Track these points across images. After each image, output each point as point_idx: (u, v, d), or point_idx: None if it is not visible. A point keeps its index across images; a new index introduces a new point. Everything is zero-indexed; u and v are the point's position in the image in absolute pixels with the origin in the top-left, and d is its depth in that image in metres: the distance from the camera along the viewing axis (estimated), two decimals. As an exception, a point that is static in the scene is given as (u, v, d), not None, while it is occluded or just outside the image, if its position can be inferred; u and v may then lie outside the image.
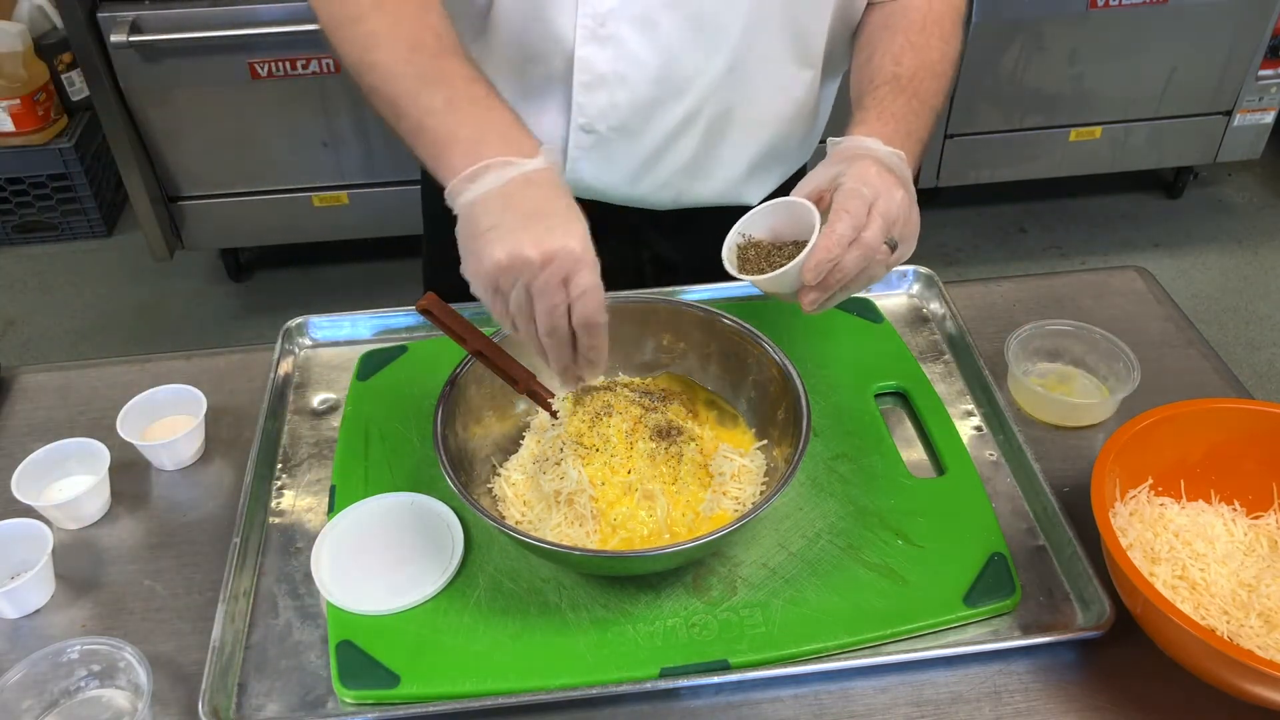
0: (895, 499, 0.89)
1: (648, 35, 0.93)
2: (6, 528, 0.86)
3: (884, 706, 0.76)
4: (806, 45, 0.99)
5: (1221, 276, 2.75)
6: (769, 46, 0.97)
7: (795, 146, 1.11)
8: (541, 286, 0.73)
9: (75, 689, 0.78)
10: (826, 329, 1.07)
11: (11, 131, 2.69)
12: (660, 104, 0.97)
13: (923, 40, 0.93)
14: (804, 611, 0.80)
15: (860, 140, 0.85)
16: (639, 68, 0.94)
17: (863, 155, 0.83)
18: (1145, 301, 1.14)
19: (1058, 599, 0.83)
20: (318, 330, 1.11)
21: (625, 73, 0.95)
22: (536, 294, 0.73)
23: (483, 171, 0.75)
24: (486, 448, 0.91)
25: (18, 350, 2.60)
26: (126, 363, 1.09)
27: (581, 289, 0.73)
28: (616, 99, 0.97)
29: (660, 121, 0.99)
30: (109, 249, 2.92)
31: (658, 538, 0.82)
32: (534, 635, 0.79)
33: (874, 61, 0.93)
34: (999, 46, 2.46)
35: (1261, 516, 0.84)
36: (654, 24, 0.92)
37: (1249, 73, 2.57)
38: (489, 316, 1.07)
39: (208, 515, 0.92)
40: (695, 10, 0.92)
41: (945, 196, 2.98)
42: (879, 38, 0.95)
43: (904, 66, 0.91)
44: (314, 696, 0.77)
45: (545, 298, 0.73)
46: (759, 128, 1.04)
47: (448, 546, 0.85)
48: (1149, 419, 0.82)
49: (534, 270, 0.72)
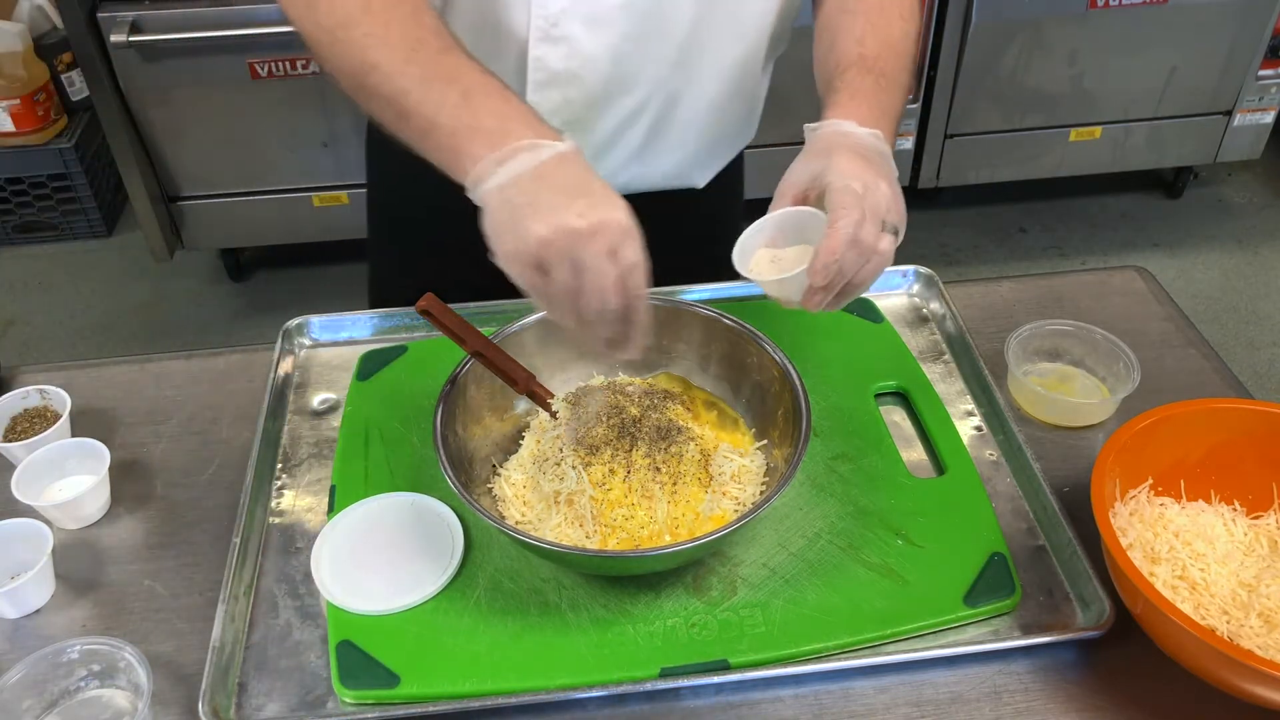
0: (895, 499, 0.89)
1: (599, 34, 0.94)
2: (6, 528, 0.86)
3: (884, 706, 0.76)
4: (751, 30, 1.01)
5: (1221, 276, 2.75)
6: (715, 36, 0.99)
7: (739, 127, 1.14)
8: (591, 260, 0.71)
9: (75, 689, 0.78)
10: (826, 329, 1.07)
11: (11, 131, 2.69)
12: (611, 98, 0.99)
13: (883, 20, 0.94)
14: (804, 611, 0.80)
15: (838, 124, 0.85)
16: (591, 65, 0.96)
17: (840, 144, 0.83)
18: (1145, 301, 1.14)
19: (1058, 599, 0.83)
20: (318, 330, 1.11)
21: (578, 70, 0.96)
22: (585, 268, 0.71)
23: (513, 153, 0.74)
24: (486, 448, 0.91)
25: (18, 350, 2.60)
26: (126, 363, 1.09)
27: (630, 261, 0.72)
28: (569, 96, 0.98)
29: (611, 114, 1.00)
30: (109, 249, 2.92)
31: (658, 538, 0.82)
32: (534, 635, 0.79)
33: (838, 46, 0.94)
34: (999, 46, 2.46)
35: (1261, 516, 0.84)
36: (605, 22, 0.93)
37: (1249, 73, 2.57)
38: (489, 316, 1.09)
39: (208, 515, 0.92)
40: (645, 8, 0.93)
41: (945, 196, 2.98)
42: (839, 22, 0.96)
43: (868, 47, 0.92)
44: (314, 696, 0.77)
45: (595, 271, 0.71)
46: (705, 113, 1.06)
47: (448, 546, 0.85)
48: (1149, 419, 0.82)
49: (582, 243, 0.71)
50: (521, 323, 0.94)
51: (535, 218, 0.71)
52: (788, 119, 2.80)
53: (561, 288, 0.73)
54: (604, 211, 0.72)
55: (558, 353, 0.97)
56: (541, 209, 0.72)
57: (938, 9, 2.41)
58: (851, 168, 0.80)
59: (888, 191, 0.80)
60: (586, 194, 0.73)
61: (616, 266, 0.72)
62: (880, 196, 0.80)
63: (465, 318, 0.86)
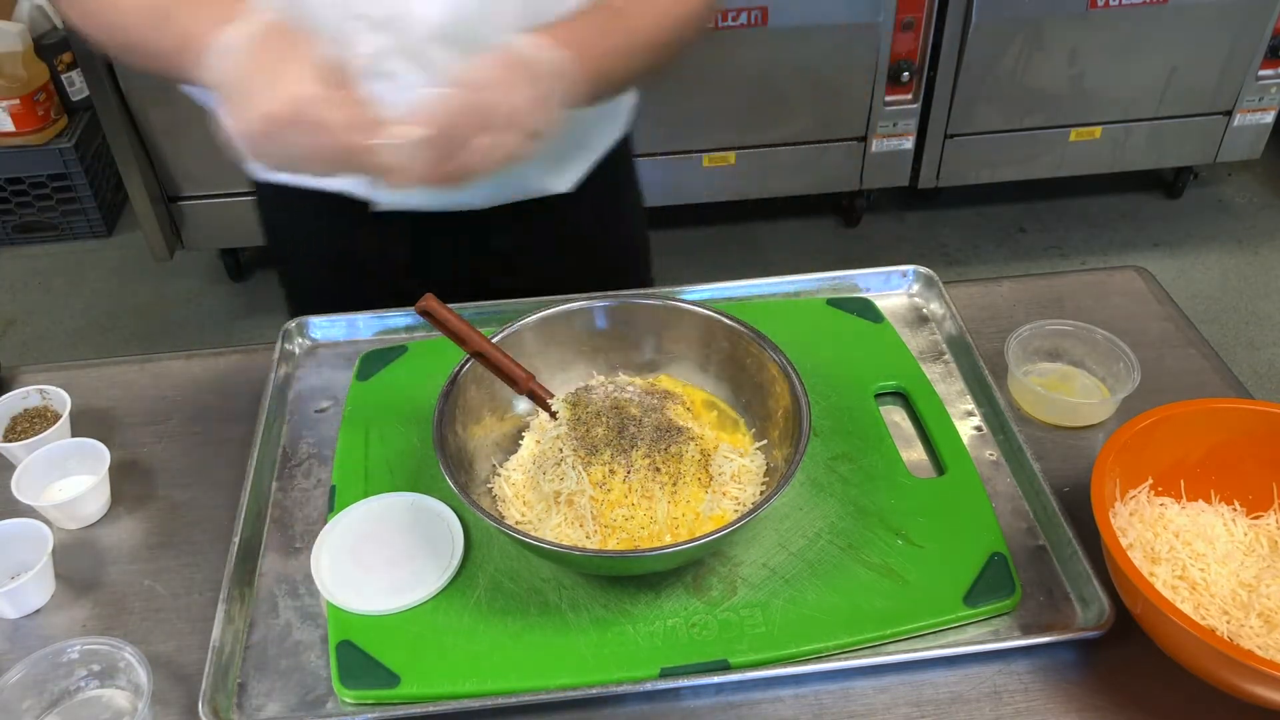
0: (895, 499, 0.89)
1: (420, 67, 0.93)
2: (6, 528, 0.86)
3: (884, 706, 0.76)
4: None
5: (1221, 276, 2.75)
6: None
7: (593, 129, 1.11)
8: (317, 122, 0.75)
9: (75, 689, 0.78)
10: (826, 329, 1.07)
11: (11, 131, 2.69)
12: None
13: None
14: (804, 611, 0.80)
15: (516, 38, 0.84)
16: None
17: (499, 51, 0.83)
18: (1145, 301, 1.14)
19: (1058, 599, 0.83)
20: (318, 330, 1.11)
21: None
22: (320, 128, 0.75)
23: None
24: (486, 448, 0.91)
25: (18, 350, 2.60)
26: (126, 363, 1.09)
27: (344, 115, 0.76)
28: None
29: None
30: (109, 249, 2.92)
31: (658, 538, 0.82)
32: (534, 635, 0.79)
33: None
34: (999, 46, 2.46)
35: (1261, 516, 0.85)
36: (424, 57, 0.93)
37: (1249, 73, 2.57)
38: (489, 316, 1.09)
39: (208, 515, 0.92)
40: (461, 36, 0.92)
41: (945, 196, 2.98)
42: None
43: None
44: (314, 696, 0.77)
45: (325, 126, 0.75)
46: None
47: (448, 546, 0.86)
48: (1149, 419, 0.82)
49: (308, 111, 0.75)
50: (521, 323, 0.94)
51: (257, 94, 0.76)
52: (788, 119, 2.81)
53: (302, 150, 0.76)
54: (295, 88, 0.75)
55: (558, 353, 0.97)
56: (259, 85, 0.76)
57: (938, 9, 2.41)
58: (483, 70, 0.80)
59: (524, 98, 0.80)
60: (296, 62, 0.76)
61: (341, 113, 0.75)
62: (512, 100, 0.80)
63: (465, 318, 0.86)
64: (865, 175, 2.68)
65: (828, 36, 2.41)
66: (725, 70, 2.44)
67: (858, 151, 2.63)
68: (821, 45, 2.43)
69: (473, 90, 0.80)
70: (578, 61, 0.85)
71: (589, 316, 0.97)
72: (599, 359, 0.98)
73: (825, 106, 2.55)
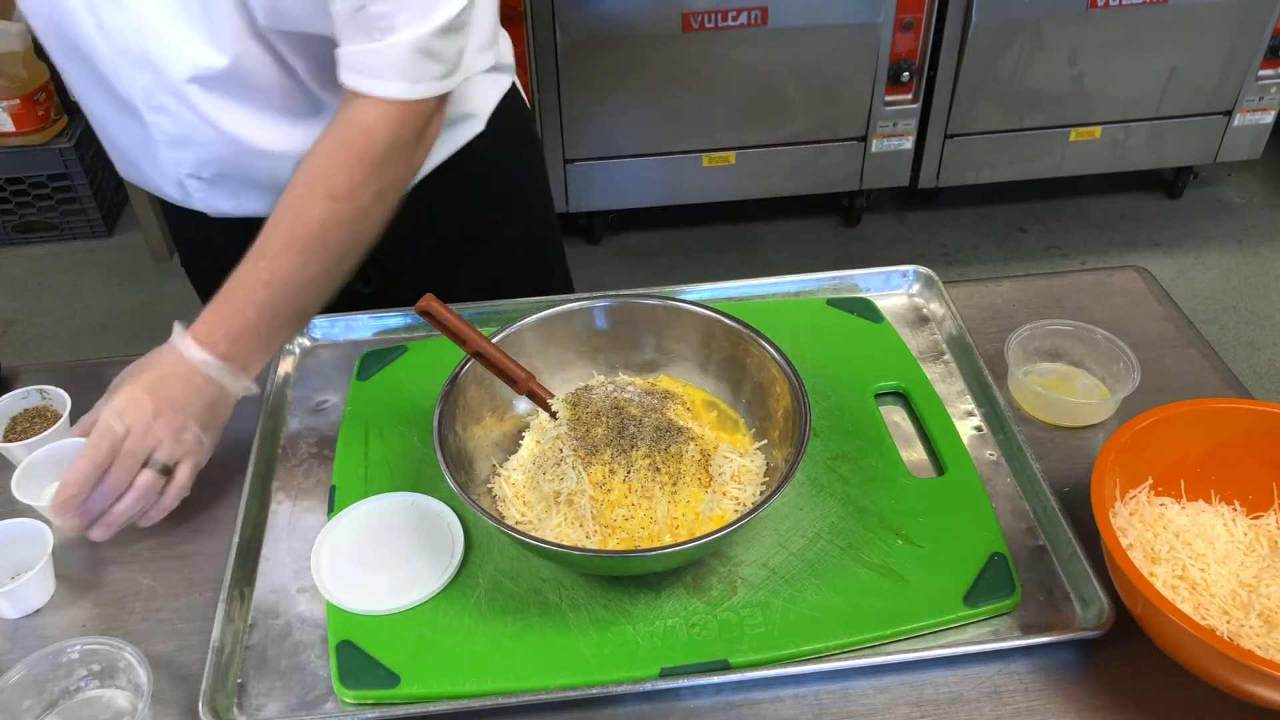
0: (895, 499, 0.89)
1: (199, 103, 0.94)
2: (6, 528, 0.86)
3: (884, 706, 0.76)
4: None
5: (1221, 276, 2.75)
6: None
7: None
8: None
9: (75, 689, 0.78)
10: (826, 329, 1.07)
11: (11, 131, 2.69)
12: (250, 153, 0.98)
13: (307, 200, 0.88)
14: (804, 611, 0.80)
15: (176, 342, 0.88)
16: (207, 130, 0.96)
17: (149, 367, 0.86)
18: (1145, 301, 1.14)
19: (1058, 599, 0.83)
20: (318, 330, 1.11)
21: (192, 136, 0.97)
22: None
23: None
24: (486, 448, 0.91)
25: (18, 350, 2.60)
26: (126, 362, 1.09)
27: None
28: (203, 156, 0.99)
29: (262, 162, 0.99)
30: (109, 249, 2.92)
31: (658, 538, 0.82)
32: (534, 635, 0.79)
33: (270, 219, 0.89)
34: (999, 46, 2.46)
35: (1261, 516, 0.84)
36: (185, 97, 0.93)
37: (1249, 73, 2.57)
38: (489, 316, 1.09)
39: (208, 515, 0.92)
40: (213, 80, 0.92)
41: (945, 196, 2.98)
42: (298, 172, 0.90)
43: (274, 239, 0.87)
44: (314, 696, 0.77)
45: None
46: None
47: (448, 546, 0.86)
48: (1149, 419, 0.82)
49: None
50: (521, 323, 0.94)
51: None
52: (788, 119, 2.81)
53: None
54: None
55: (558, 353, 0.97)
56: None
57: (938, 9, 2.41)
58: (127, 403, 0.83)
59: (164, 431, 0.83)
60: None
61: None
62: (151, 438, 0.82)
63: (465, 318, 0.86)
64: (865, 175, 2.69)
65: (828, 36, 2.41)
66: (725, 70, 2.44)
67: (858, 151, 2.63)
68: (821, 45, 2.43)
69: (106, 445, 0.82)
70: (224, 360, 0.87)
71: (589, 316, 0.97)
72: (599, 359, 0.98)
73: (825, 106, 2.55)
